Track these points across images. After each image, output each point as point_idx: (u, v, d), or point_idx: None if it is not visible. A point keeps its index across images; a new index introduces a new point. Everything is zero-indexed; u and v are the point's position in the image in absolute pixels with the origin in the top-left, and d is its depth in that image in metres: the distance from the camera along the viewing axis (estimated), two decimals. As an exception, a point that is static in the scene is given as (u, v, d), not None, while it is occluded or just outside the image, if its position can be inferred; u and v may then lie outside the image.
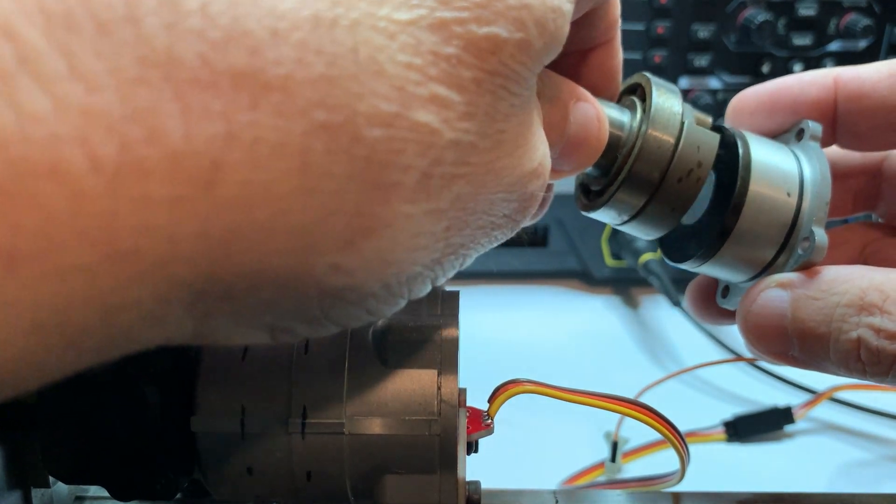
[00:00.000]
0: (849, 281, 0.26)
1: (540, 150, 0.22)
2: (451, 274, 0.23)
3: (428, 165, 0.18)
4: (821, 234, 0.27)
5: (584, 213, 0.30)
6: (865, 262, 0.32)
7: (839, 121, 0.29)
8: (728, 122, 0.32)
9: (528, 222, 0.24)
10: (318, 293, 0.18)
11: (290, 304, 0.18)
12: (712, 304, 0.32)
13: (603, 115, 0.26)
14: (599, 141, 0.26)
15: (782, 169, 0.29)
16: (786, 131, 0.31)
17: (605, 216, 0.30)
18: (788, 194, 0.28)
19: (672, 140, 0.27)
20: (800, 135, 0.30)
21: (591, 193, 0.30)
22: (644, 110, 0.28)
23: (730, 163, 0.29)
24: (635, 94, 0.30)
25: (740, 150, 0.29)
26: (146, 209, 0.15)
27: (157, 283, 0.16)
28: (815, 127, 0.30)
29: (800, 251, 0.28)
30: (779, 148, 0.30)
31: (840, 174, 0.32)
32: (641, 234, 0.30)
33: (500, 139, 0.20)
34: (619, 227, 0.30)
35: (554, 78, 0.25)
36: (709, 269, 0.30)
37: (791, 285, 0.27)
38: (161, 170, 0.15)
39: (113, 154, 0.14)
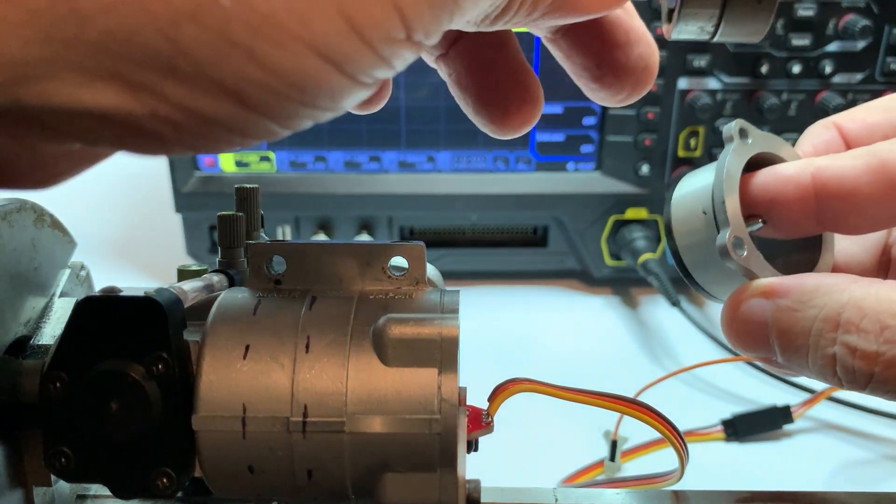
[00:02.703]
0: (829, 294, 0.26)
1: None
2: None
3: None
4: (720, 237, 0.28)
5: (673, 39, 0.27)
6: (891, 246, 0.32)
7: (822, 215, 0.28)
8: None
9: None
10: None
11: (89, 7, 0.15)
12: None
13: None
14: None
15: (697, 191, 0.30)
16: None
17: (692, 30, 0.26)
18: (704, 212, 0.30)
19: None
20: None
21: (671, 14, 0.27)
22: None
23: None
24: None
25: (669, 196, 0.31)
26: None
27: None
28: (727, 130, 0.30)
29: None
30: (705, 171, 0.31)
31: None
32: (745, 38, 0.26)
33: None
34: (717, 40, 0.26)
35: None
36: (708, 292, 0.31)
37: (772, 293, 0.27)
38: None
39: None
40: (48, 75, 0.16)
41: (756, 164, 0.30)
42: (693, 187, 0.31)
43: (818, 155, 0.31)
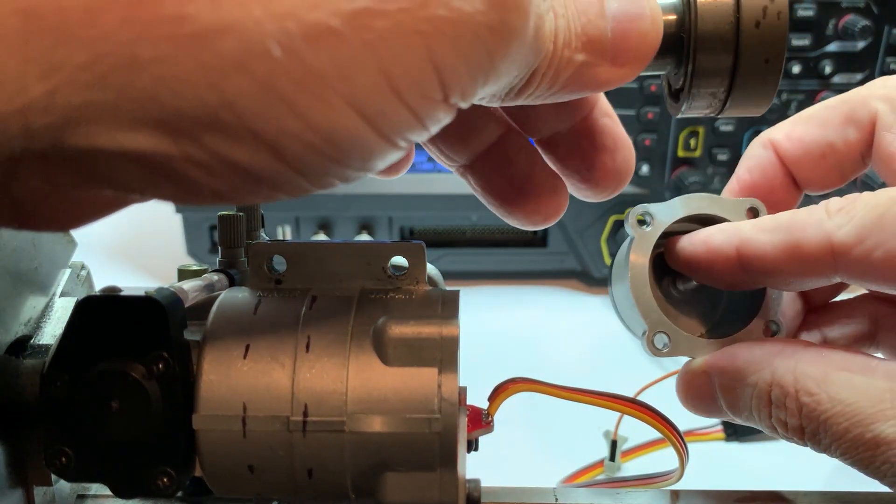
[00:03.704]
0: (757, 372, 0.28)
1: None
2: (416, 91, 0.18)
3: None
4: (642, 341, 0.30)
5: (680, 117, 0.28)
6: (876, 337, 0.34)
7: (752, 280, 0.30)
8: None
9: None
10: (184, 36, 0.16)
11: (145, 54, 0.16)
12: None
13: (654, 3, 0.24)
14: (652, 14, 0.24)
15: (620, 276, 0.32)
16: None
17: (700, 106, 0.27)
18: (630, 301, 0.31)
19: (731, 30, 0.25)
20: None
21: (678, 94, 0.28)
22: None
23: None
24: None
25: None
26: None
27: None
28: (626, 224, 0.31)
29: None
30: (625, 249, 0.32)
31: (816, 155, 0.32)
32: (752, 109, 0.27)
33: None
34: (724, 114, 0.27)
35: None
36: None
37: (710, 372, 0.30)
38: None
39: None
40: (96, 119, 0.16)
41: (699, 220, 0.31)
42: (618, 270, 0.33)
43: (754, 182, 0.33)
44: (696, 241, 0.30)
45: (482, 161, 0.31)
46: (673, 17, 0.26)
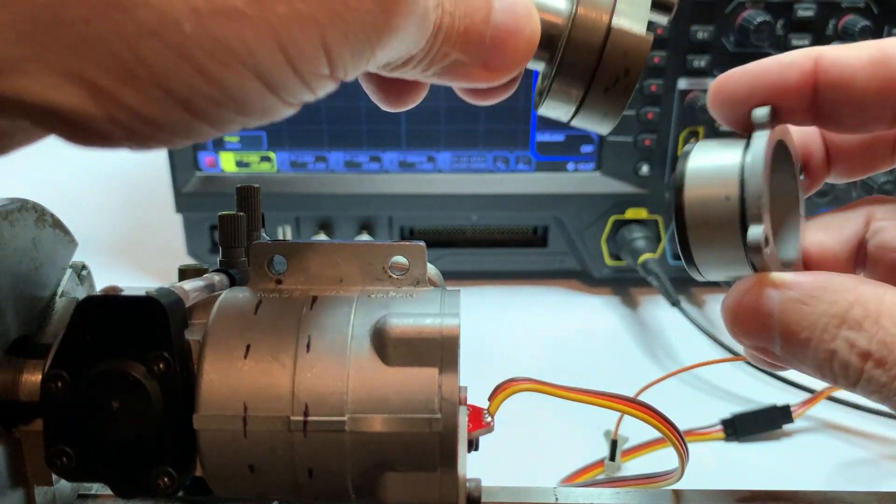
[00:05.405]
0: (839, 292, 0.27)
1: None
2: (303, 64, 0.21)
3: None
4: (753, 233, 0.27)
5: (540, 112, 0.30)
6: (867, 241, 0.32)
7: (818, 106, 0.28)
8: (710, 108, 0.30)
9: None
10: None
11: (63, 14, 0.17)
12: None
13: (531, 5, 0.26)
14: (531, 33, 0.26)
15: (719, 174, 0.29)
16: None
17: (555, 110, 0.29)
18: (727, 198, 0.28)
19: (597, 46, 0.27)
20: (754, 125, 0.29)
21: (542, 91, 0.30)
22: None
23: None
24: None
25: (678, 167, 0.29)
26: None
27: None
28: (760, 114, 0.29)
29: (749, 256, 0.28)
30: (725, 148, 0.29)
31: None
32: (592, 128, 0.29)
33: None
34: (574, 123, 0.29)
35: None
36: (701, 272, 0.30)
37: (784, 286, 0.28)
38: None
39: None
40: (23, 71, 0.18)
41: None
42: (714, 165, 0.29)
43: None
44: (763, 63, 0.29)
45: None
46: (556, 20, 0.27)
